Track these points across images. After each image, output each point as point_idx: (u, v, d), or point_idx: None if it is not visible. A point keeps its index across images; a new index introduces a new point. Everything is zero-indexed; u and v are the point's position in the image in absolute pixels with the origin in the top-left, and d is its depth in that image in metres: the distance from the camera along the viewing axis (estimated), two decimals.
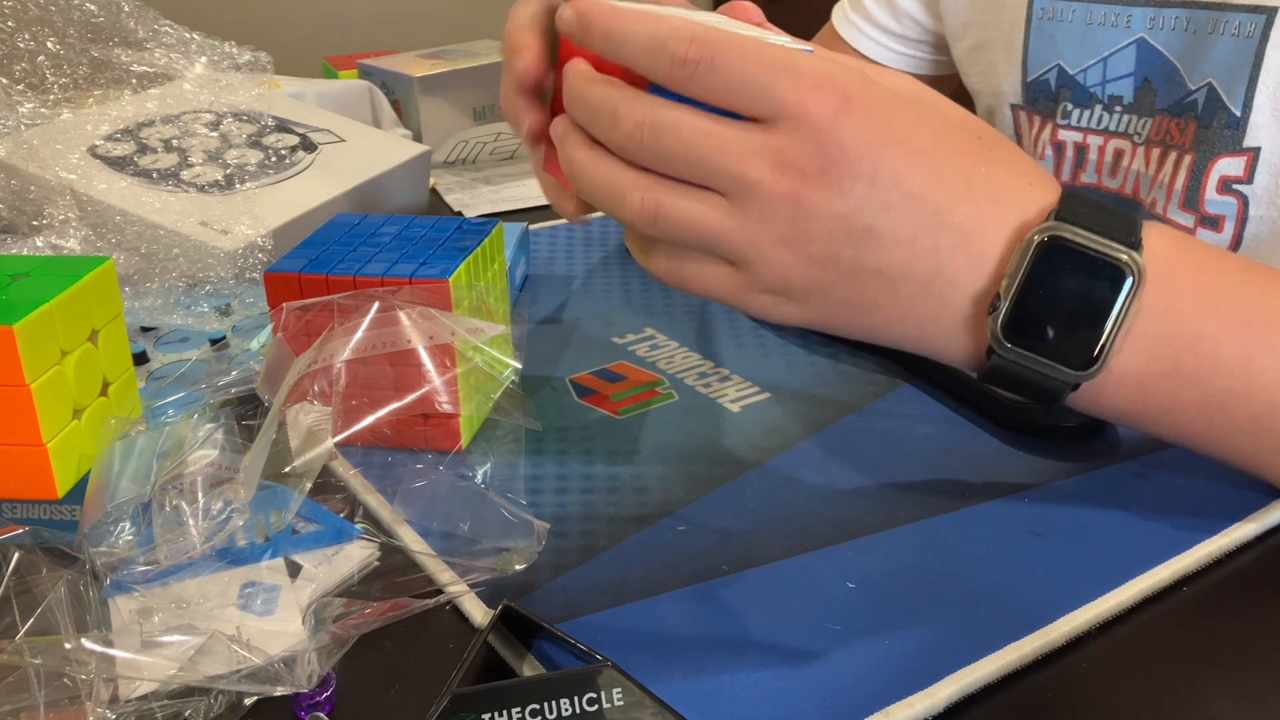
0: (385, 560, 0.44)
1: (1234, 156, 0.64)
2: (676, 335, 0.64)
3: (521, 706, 0.35)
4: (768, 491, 0.49)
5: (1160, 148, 0.68)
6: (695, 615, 0.41)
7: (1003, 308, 0.41)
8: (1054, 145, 0.75)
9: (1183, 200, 0.67)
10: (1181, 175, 0.67)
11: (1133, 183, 0.71)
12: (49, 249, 0.68)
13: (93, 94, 0.83)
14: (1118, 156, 0.72)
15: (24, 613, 0.38)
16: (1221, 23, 0.63)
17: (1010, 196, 0.42)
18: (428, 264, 0.50)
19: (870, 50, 0.88)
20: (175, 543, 0.41)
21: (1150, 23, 0.67)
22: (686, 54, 0.39)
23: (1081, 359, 0.41)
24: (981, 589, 0.42)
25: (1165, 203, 0.68)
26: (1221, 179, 0.65)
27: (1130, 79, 0.69)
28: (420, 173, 0.86)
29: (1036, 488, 0.49)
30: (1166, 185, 0.68)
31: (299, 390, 0.43)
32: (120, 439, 0.45)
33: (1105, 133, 0.72)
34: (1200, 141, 0.65)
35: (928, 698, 0.37)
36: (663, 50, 0.40)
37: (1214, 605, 0.42)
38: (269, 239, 0.70)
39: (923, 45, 0.87)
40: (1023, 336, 0.41)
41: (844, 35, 0.89)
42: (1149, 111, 0.69)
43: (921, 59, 0.88)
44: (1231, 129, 0.64)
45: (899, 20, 0.86)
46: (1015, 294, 0.40)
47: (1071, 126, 0.74)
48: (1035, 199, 0.42)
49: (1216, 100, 0.64)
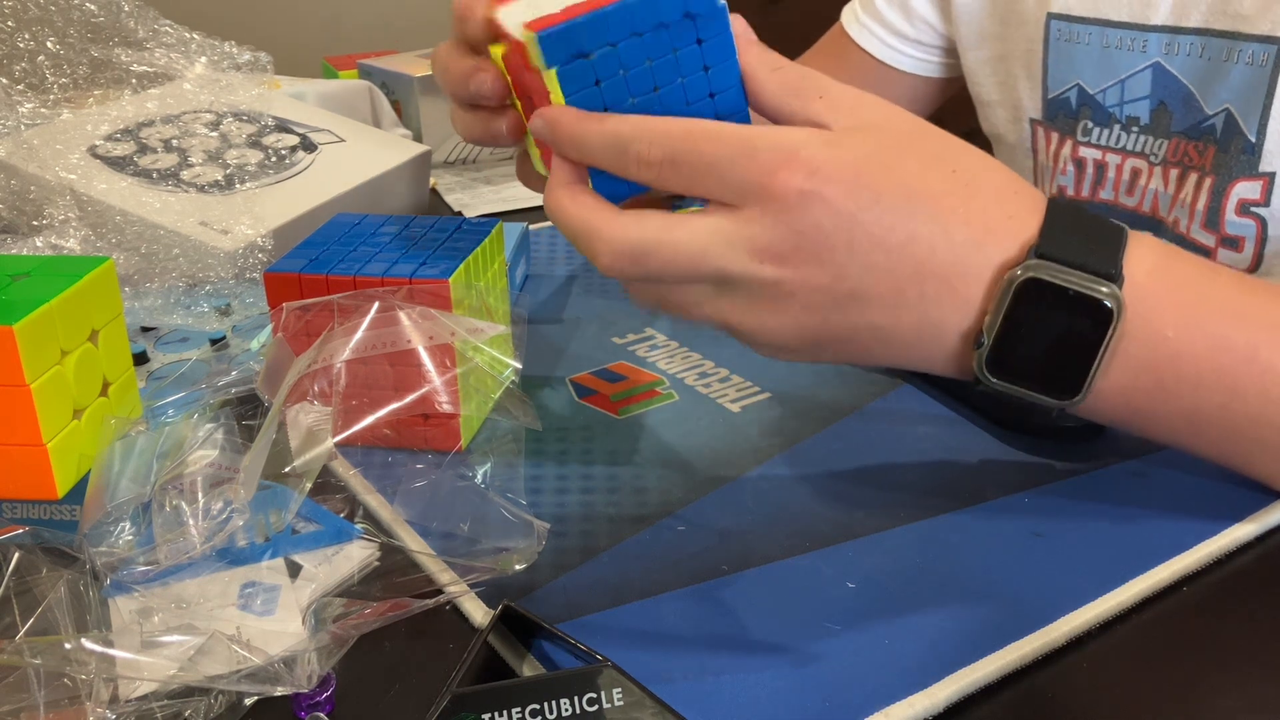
0: (385, 560, 0.44)
1: (1251, 180, 0.65)
2: (676, 335, 0.64)
3: (521, 706, 0.35)
4: (768, 491, 0.49)
5: (1179, 168, 0.69)
6: (695, 615, 0.41)
7: (986, 345, 0.42)
8: (1074, 161, 0.76)
9: (1204, 221, 0.68)
10: (1203, 197, 0.68)
11: (1150, 201, 0.72)
12: (49, 249, 0.68)
13: (93, 94, 0.83)
14: (1135, 175, 0.73)
15: (24, 613, 0.38)
16: (1236, 51, 0.64)
17: (990, 234, 0.42)
18: (428, 264, 0.50)
19: (882, 53, 0.87)
20: (175, 543, 0.41)
21: (1166, 48, 0.67)
22: (648, 155, 0.40)
23: (1064, 390, 0.43)
24: (981, 589, 0.42)
25: (1189, 222, 0.69)
26: (1240, 201, 0.66)
27: (1146, 101, 0.70)
28: (420, 173, 0.86)
29: (1036, 488, 0.49)
30: (1189, 205, 0.68)
31: (299, 390, 0.43)
32: (120, 439, 0.45)
33: (1123, 152, 0.73)
34: (1219, 165, 0.66)
35: (928, 698, 0.37)
36: (626, 154, 0.41)
37: (1214, 605, 0.42)
38: (269, 239, 0.70)
39: (935, 50, 0.87)
40: (1006, 371, 0.43)
41: (855, 37, 0.88)
42: (1165, 133, 0.70)
43: (933, 63, 0.87)
44: (1248, 154, 0.65)
45: (913, 24, 0.86)
46: (997, 332, 0.42)
47: (1091, 144, 0.74)
48: (1016, 232, 0.42)
49: (1234, 126, 0.65)
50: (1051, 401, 0.43)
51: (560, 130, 0.42)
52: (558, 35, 0.41)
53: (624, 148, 0.41)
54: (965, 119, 0.81)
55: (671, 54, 0.42)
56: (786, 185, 0.39)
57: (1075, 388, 0.43)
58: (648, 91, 0.42)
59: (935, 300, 0.41)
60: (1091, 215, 0.44)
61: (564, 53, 0.41)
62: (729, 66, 0.43)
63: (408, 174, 0.84)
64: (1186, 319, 0.43)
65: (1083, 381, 0.43)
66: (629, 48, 0.41)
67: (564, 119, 0.42)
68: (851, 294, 0.41)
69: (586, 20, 0.41)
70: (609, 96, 0.42)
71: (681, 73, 0.42)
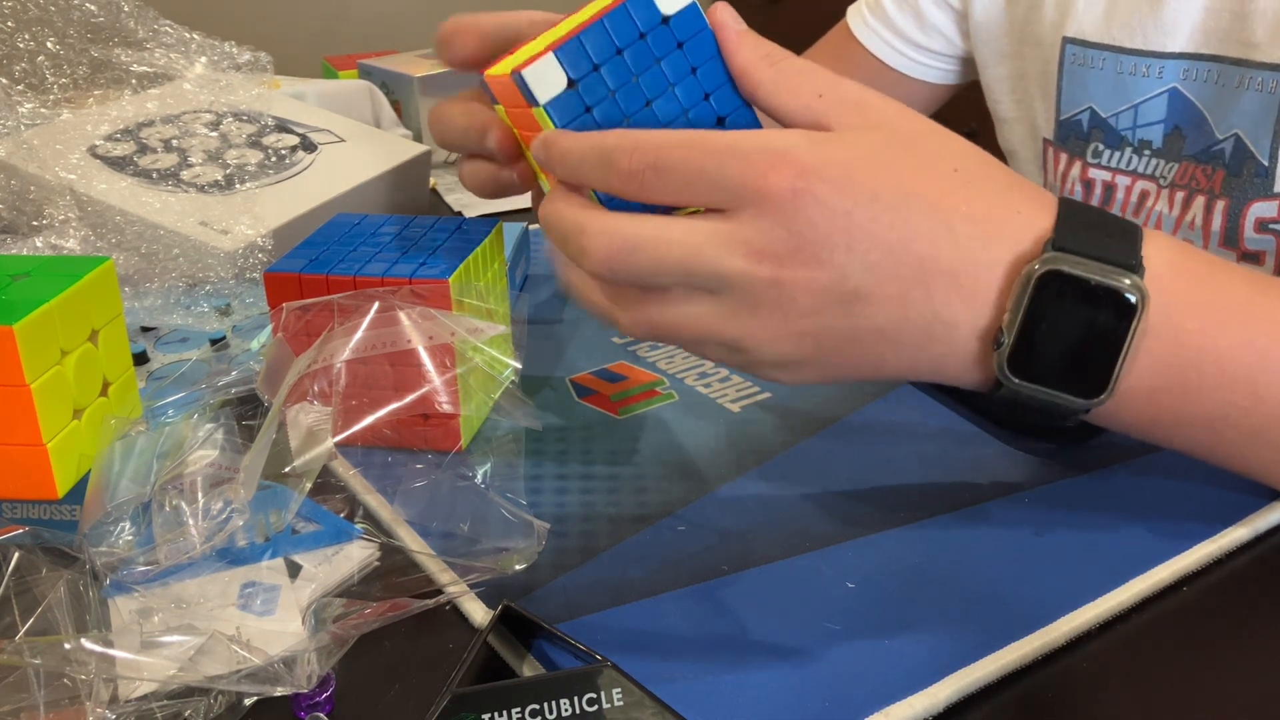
0: (385, 560, 0.44)
1: (1267, 201, 0.66)
2: None
3: (521, 706, 0.35)
4: (768, 491, 0.49)
5: (1185, 191, 0.70)
6: (695, 615, 0.41)
7: (1007, 343, 0.40)
8: (1083, 183, 0.76)
9: (1222, 239, 0.69)
10: (1217, 218, 0.68)
11: (1154, 223, 0.73)
12: (49, 249, 0.68)
13: (93, 94, 0.83)
14: (1142, 198, 0.73)
15: (24, 613, 0.38)
16: (1247, 78, 0.65)
17: (997, 230, 0.41)
18: (428, 264, 0.50)
19: (890, 58, 0.87)
20: (175, 543, 0.41)
21: (1184, 74, 0.68)
22: (630, 166, 0.39)
23: (1091, 387, 0.41)
24: (981, 589, 0.42)
25: (1204, 242, 0.70)
26: (1258, 220, 0.67)
27: (1161, 125, 0.70)
28: (420, 173, 0.86)
29: (1036, 488, 0.49)
30: (1201, 227, 0.69)
31: (299, 390, 0.43)
32: (120, 439, 0.45)
33: (1133, 174, 0.73)
34: (1231, 188, 0.68)
35: (928, 698, 0.37)
36: (611, 168, 0.40)
37: (1214, 605, 0.42)
38: (269, 239, 0.70)
39: (947, 58, 0.87)
40: (1029, 370, 0.41)
41: (862, 40, 0.88)
42: (1176, 157, 0.70)
43: (944, 70, 0.87)
44: (1261, 177, 0.66)
45: (926, 33, 0.86)
46: (1018, 329, 0.40)
47: (1102, 166, 0.75)
48: (1026, 228, 0.41)
49: (1245, 150, 0.66)
50: (1078, 402, 0.42)
51: (553, 150, 0.42)
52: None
53: (608, 160, 0.40)
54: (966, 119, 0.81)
55: (655, 64, 0.42)
56: (778, 185, 0.38)
57: (1101, 386, 0.41)
58: (640, 108, 0.42)
59: (944, 299, 0.40)
60: (1104, 212, 0.43)
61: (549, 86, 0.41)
62: (715, 65, 0.43)
63: (408, 174, 0.84)
64: (1207, 316, 0.42)
65: (1108, 379, 0.41)
66: (612, 68, 0.41)
67: (557, 138, 0.42)
68: (854, 294, 0.39)
69: (564, 49, 0.41)
70: (604, 120, 0.42)
71: (670, 80, 0.42)
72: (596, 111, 0.42)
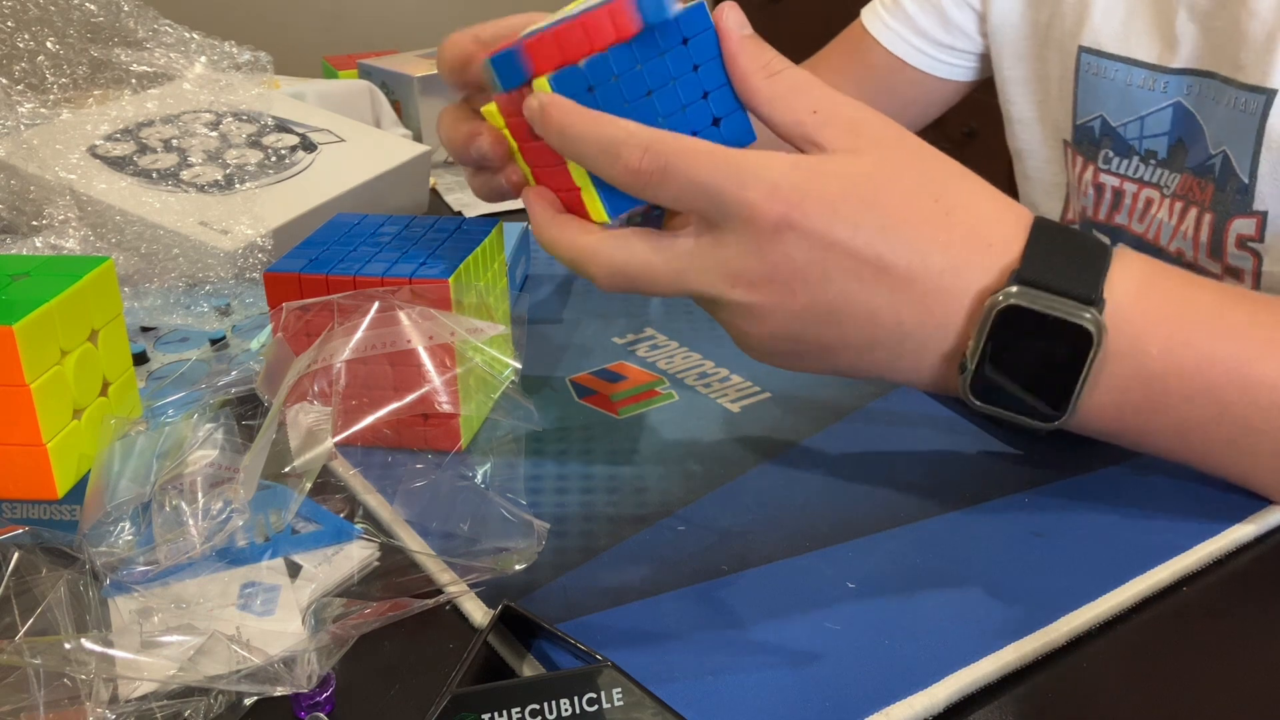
0: (385, 560, 0.44)
1: (1246, 218, 0.68)
2: (676, 335, 0.64)
3: (521, 706, 0.35)
4: (768, 491, 0.49)
5: (1183, 202, 0.72)
6: (695, 615, 0.41)
7: (969, 372, 0.43)
8: (1095, 186, 0.78)
9: (1208, 251, 0.71)
10: (1204, 230, 0.71)
11: (1155, 230, 0.74)
12: (49, 249, 0.68)
13: (93, 94, 0.83)
14: (1148, 205, 0.75)
15: (24, 613, 0.38)
16: (1230, 96, 0.66)
17: (969, 262, 0.43)
18: (428, 264, 0.50)
19: (911, 57, 0.87)
20: (175, 543, 0.41)
21: (1187, 89, 0.70)
22: (640, 165, 0.41)
23: (1049, 412, 0.44)
24: (981, 589, 0.42)
25: (1194, 253, 0.72)
26: (1238, 236, 0.69)
27: (1165, 137, 0.72)
28: (420, 173, 0.86)
29: (1036, 488, 0.49)
30: (1192, 238, 0.71)
31: (299, 390, 0.43)
32: (120, 439, 0.45)
33: (1139, 181, 0.75)
34: (1218, 202, 0.69)
35: (928, 698, 0.37)
36: (617, 158, 0.42)
37: (1214, 605, 0.42)
38: (269, 239, 0.70)
39: (969, 55, 0.87)
40: (990, 396, 0.44)
41: (883, 41, 0.88)
42: (1179, 168, 0.72)
43: (966, 68, 0.88)
44: (1242, 194, 0.67)
45: (949, 32, 0.86)
46: (979, 357, 0.43)
47: (1112, 172, 0.77)
48: (997, 259, 0.43)
49: (1229, 167, 0.68)
50: (1038, 424, 0.45)
51: (550, 117, 0.42)
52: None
53: (615, 152, 0.41)
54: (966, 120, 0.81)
55: (660, 57, 0.42)
56: (766, 215, 0.41)
57: (1059, 409, 0.44)
58: (641, 96, 0.42)
59: (915, 324, 0.43)
60: (1077, 236, 0.44)
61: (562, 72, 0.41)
62: (717, 65, 0.43)
63: (408, 174, 0.84)
64: (1172, 336, 0.43)
65: (1066, 403, 0.44)
66: (618, 54, 0.41)
67: (556, 104, 0.42)
68: (828, 314, 0.42)
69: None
70: (603, 103, 0.42)
71: (672, 74, 0.42)
72: (598, 93, 0.42)
